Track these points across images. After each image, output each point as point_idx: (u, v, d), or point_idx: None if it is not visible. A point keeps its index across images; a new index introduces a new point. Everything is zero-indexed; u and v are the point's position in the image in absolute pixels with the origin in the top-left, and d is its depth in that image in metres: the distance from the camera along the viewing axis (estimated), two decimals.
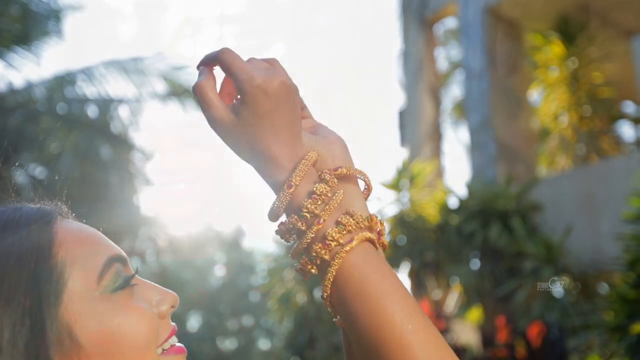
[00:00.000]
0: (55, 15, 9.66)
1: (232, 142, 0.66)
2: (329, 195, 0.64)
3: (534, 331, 5.38)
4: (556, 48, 7.41)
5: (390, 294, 0.60)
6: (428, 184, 6.99)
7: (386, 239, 0.70)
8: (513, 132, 7.31)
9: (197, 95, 0.66)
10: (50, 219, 0.66)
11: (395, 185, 6.72)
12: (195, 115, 8.58)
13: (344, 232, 0.63)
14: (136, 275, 0.69)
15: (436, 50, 8.74)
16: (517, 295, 5.82)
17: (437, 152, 7.97)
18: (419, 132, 7.86)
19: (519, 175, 7.12)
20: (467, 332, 6.82)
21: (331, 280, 0.63)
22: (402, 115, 8.19)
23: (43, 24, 9.42)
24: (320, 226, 0.64)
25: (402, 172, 6.71)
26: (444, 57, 12.83)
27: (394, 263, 6.38)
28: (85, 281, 0.63)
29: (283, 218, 0.67)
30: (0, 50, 9.07)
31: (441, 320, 6.01)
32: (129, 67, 8.70)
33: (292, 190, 0.64)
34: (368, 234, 0.64)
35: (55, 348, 0.59)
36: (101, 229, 0.73)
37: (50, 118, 8.57)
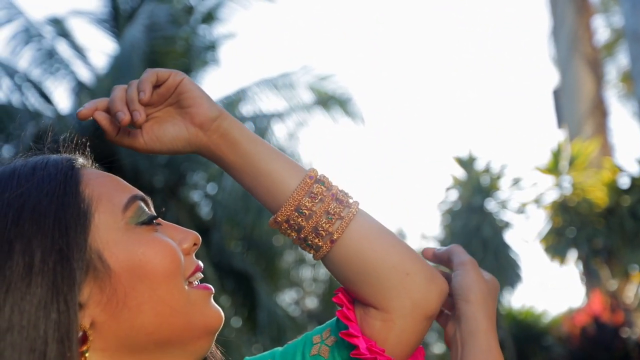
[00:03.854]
0: (212, 46, 10.57)
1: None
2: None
3: None
4: None
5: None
6: (592, 164, 6.32)
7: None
8: None
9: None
10: (74, 163, 0.73)
11: (553, 169, 6.18)
12: (341, 123, 8.74)
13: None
14: (159, 218, 0.75)
15: (593, 19, 7.93)
16: None
17: (601, 129, 7.16)
18: (578, 110, 7.15)
19: None
20: None
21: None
22: (557, 94, 7.53)
23: (202, 55, 10.35)
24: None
25: (560, 154, 6.15)
26: (604, 26, 11.60)
27: (558, 252, 5.85)
28: (111, 213, 0.70)
29: None
30: None
31: (619, 313, 5.34)
32: (279, 83, 9.18)
33: None
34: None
35: (84, 272, 0.66)
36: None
37: None
